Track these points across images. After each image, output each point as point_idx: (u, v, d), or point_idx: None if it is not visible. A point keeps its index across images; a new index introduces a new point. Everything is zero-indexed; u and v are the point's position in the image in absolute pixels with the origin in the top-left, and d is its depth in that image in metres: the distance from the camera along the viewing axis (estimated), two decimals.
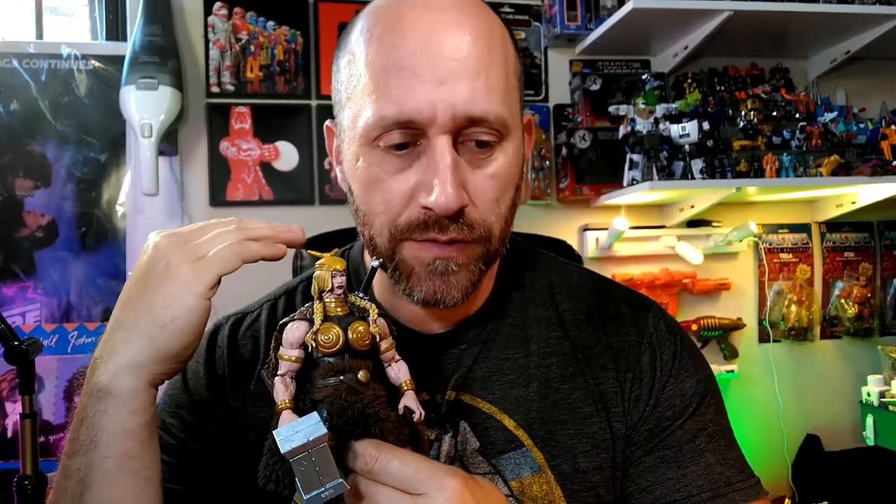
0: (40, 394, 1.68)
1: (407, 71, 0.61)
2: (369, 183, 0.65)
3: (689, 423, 0.72)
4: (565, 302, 0.77)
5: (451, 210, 0.61)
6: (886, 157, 1.85)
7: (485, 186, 0.64)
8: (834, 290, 2.10)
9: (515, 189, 0.68)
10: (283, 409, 0.51)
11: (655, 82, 1.91)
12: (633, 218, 1.94)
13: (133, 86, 1.64)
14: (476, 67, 0.61)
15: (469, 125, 0.62)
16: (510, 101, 0.65)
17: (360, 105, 0.64)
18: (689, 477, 0.70)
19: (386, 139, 0.62)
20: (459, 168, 0.62)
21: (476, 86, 0.61)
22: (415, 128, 0.61)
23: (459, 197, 0.61)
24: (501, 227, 0.67)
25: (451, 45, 0.61)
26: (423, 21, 0.62)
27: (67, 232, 1.75)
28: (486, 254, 0.66)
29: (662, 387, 0.73)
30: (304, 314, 0.54)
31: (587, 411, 0.71)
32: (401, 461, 0.51)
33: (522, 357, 0.73)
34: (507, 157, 0.65)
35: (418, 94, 0.60)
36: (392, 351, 0.56)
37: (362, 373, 0.52)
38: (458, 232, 0.63)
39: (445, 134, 0.61)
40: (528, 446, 0.69)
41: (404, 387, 0.55)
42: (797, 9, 1.81)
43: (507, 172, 0.65)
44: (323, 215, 1.86)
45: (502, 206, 0.66)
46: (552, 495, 0.68)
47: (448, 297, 0.65)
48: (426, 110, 0.60)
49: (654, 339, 0.75)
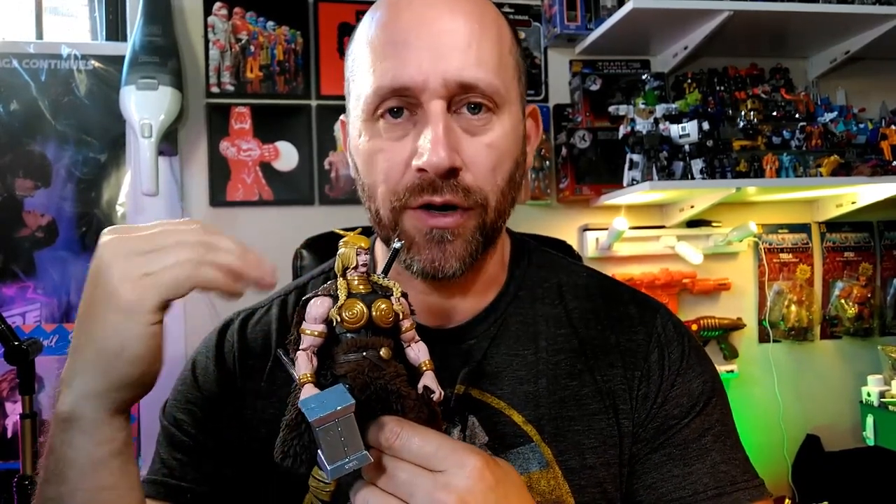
0: (40, 394, 1.68)
1: (401, 44, 0.65)
2: (370, 154, 0.68)
3: (696, 422, 0.73)
4: (574, 301, 0.78)
5: (442, 168, 0.63)
6: (886, 157, 1.85)
7: (480, 154, 0.66)
8: (834, 290, 2.10)
9: (515, 164, 0.70)
10: (306, 383, 0.51)
11: (655, 82, 1.91)
12: (633, 218, 1.94)
13: (133, 86, 1.65)
14: (467, 41, 0.65)
15: (461, 91, 0.65)
16: (503, 75, 0.68)
17: (361, 82, 0.68)
18: (694, 475, 0.70)
19: (384, 112, 0.66)
20: (452, 131, 0.65)
21: (467, 56, 0.65)
22: (409, 95, 0.65)
23: (451, 157, 0.63)
24: (498, 200, 0.68)
25: (443, 21, 0.66)
26: (417, 2, 0.67)
27: (67, 232, 1.76)
28: (482, 225, 0.68)
29: (670, 385, 0.73)
30: (327, 290, 0.53)
31: (595, 408, 0.72)
32: (422, 438, 0.51)
33: (531, 353, 0.74)
34: (503, 128, 0.68)
35: (411, 63, 0.64)
36: (412, 331, 0.55)
37: (384, 350, 0.51)
38: (452, 194, 0.65)
39: (438, 99, 0.64)
40: (537, 441, 0.70)
41: (424, 367, 0.55)
42: (797, 9, 1.81)
43: (503, 144, 0.68)
44: (323, 215, 1.86)
45: (498, 176, 0.68)
46: (559, 490, 0.69)
47: (446, 266, 0.67)
48: (419, 77, 0.64)
49: (663, 338, 0.76)
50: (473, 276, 0.75)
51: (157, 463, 0.73)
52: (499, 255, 0.78)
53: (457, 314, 0.75)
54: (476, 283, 0.76)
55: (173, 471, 0.72)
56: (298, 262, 1.20)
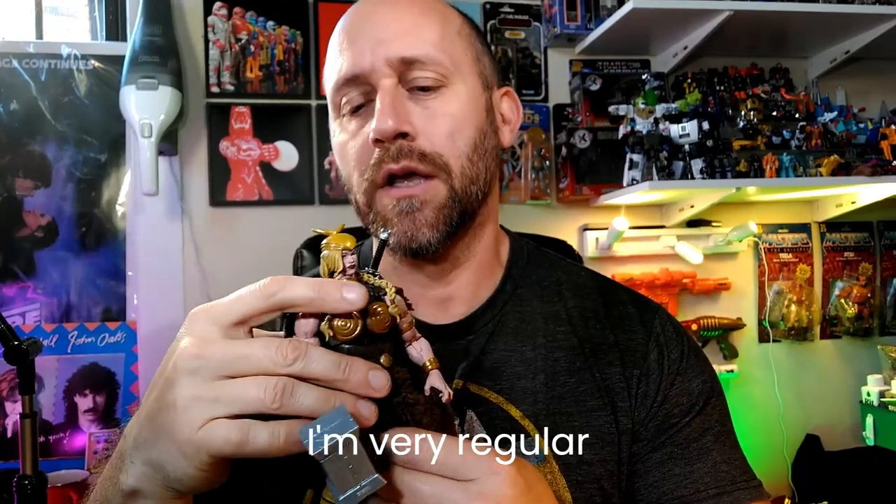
0: (40, 394, 1.68)
1: (349, 40, 0.71)
2: (342, 147, 0.73)
3: (696, 421, 0.73)
4: (573, 299, 0.79)
5: (389, 132, 0.66)
6: (886, 157, 1.85)
7: (433, 120, 0.69)
8: (834, 290, 2.10)
9: (480, 133, 0.72)
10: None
11: (655, 82, 1.91)
12: (633, 218, 1.94)
13: (133, 86, 1.64)
14: (408, 24, 0.70)
15: (405, 68, 0.69)
16: (450, 51, 0.71)
17: (327, 85, 0.74)
18: (695, 474, 0.71)
19: (346, 104, 0.71)
20: (401, 103, 0.68)
21: (407, 37, 0.69)
22: (363, 83, 0.69)
23: (397, 121, 0.66)
24: (464, 165, 0.70)
25: (384, 12, 0.71)
26: (359, 7, 0.74)
27: (67, 232, 1.76)
28: (451, 192, 0.69)
29: (670, 384, 0.74)
30: None
31: (593, 405, 0.73)
32: (445, 447, 0.48)
33: (530, 350, 0.74)
34: (458, 99, 0.71)
35: (357, 52, 0.69)
36: (412, 329, 0.52)
37: (384, 357, 0.48)
38: (409, 160, 0.68)
39: (386, 77, 0.68)
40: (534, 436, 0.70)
41: (428, 366, 0.52)
42: (797, 9, 1.81)
43: (459, 113, 0.70)
44: (323, 215, 1.86)
45: (458, 141, 0.70)
46: (556, 485, 0.69)
47: (419, 235, 0.68)
48: (365, 62, 0.69)
49: (662, 338, 0.77)
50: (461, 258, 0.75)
51: None
52: (490, 242, 0.78)
53: (455, 310, 0.76)
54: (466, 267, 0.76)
55: None
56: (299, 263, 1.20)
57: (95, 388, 1.72)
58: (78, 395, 1.71)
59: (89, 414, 1.71)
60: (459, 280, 0.76)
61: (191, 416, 0.44)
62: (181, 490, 0.48)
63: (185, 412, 0.44)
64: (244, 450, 0.44)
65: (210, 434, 0.44)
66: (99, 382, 1.72)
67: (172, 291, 1.77)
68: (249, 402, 0.43)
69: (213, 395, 0.44)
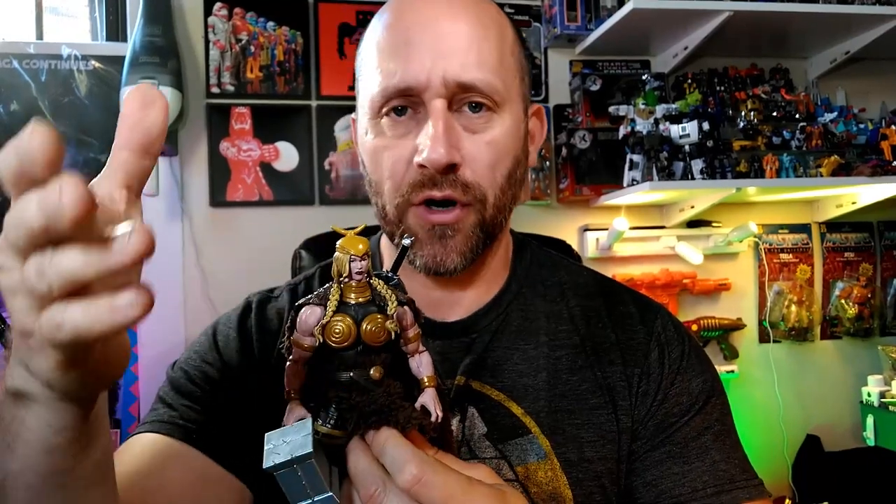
0: None
1: (403, 44, 0.68)
2: (376, 151, 0.70)
3: (696, 420, 0.73)
4: (575, 299, 0.80)
5: (441, 164, 0.65)
6: (886, 158, 1.85)
7: (479, 151, 0.68)
8: (834, 291, 2.10)
9: (515, 162, 0.72)
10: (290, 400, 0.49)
11: (655, 82, 1.91)
12: (633, 218, 1.94)
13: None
14: (468, 42, 0.68)
15: (461, 91, 0.67)
16: (504, 75, 0.70)
17: (368, 82, 0.70)
18: (694, 472, 0.71)
19: (389, 111, 0.69)
20: (452, 129, 0.67)
21: (467, 57, 0.67)
22: (413, 95, 0.67)
23: (449, 153, 0.65)
24: (497, 196, 0.70)
25: (444, 22, 0.68)
26: (421, 4, 0.70)
27: None
28: (482, 221, 0.70)
29: (670, 383, 0.74)
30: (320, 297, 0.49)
31: (595, 402, 0.73)
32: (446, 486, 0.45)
33: (532, 348, 0.75)
34: (503, 127, 0.70)
35: (414, 64, 0.67)
36: (417, 342, 0.51)
37: (375, 370, 0.47)
38: (452, 189, 0.67)
39: (439, 98, 0.67)
40: (535, 433, 0.71)
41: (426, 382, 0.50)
42: (797, 9, 1.81)
43: (503, 141, 0.70)
44: (323, 215, 1.86)
45: (497, 173, 0.70)
46: (557, 482, 0.69)
47: (447, 261, 0.69)
48: (421, 76, 0.66)
49: (663, 337, 0.77)
50: (476, 272, 0.76)
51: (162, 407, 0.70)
52: (502, 252, 0.80)
53: (459, 308, 0.76)
54: (479, 279, 0.77)
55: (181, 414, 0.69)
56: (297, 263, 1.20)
57: None
58: None
59: None
60: (464, 290, 0.77)
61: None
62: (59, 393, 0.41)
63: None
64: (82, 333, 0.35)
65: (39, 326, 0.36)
66: None
67: (172, 291, 1.77)
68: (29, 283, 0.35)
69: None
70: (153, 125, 0.39)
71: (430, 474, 0.45)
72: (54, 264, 0.34)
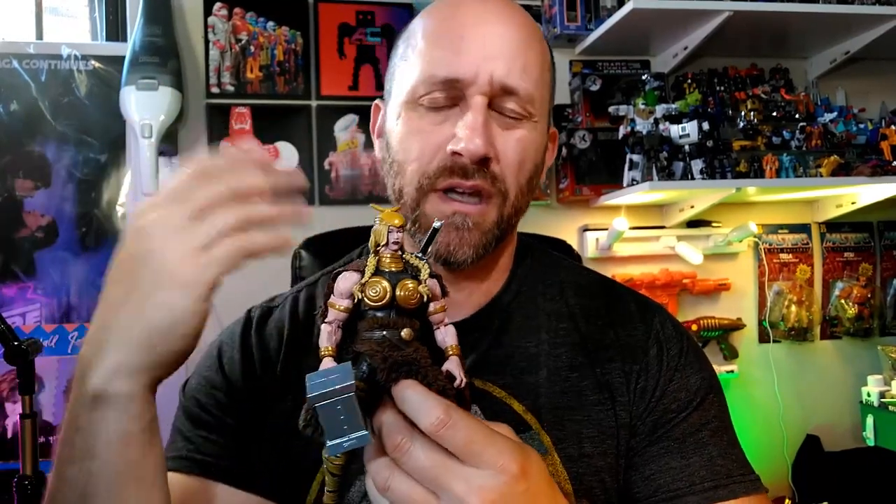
0: (40, 394, 1.68)
1: (457, 38, 0.70)
2: (408, 133, 0.72)
3: (693, 416, 0.74)
4: (575, 297, 0.81)
5: (479, 155, 0.67)
6: (886, 158, 1.85)
7: (511, 148, 0.71)
8: (834, 291, 2.10)
9: (536, 169, 0.75)
10: (325, 357, 0.51)
11: (655, 82, 1.91)
12: (633, 218, 1.94)
13: (133, 86, 1.65)
14: (516, 49, 0.70)
15: (502, 93, 0.69)
16: (541, 89, 0.73)
17: (412, 68, 0.72)
18: (691, 467, 0.72)
19: (429, 98, 0.70)
20: (489, 124, 0.69)
21: (514, 63, 0.69)
22: (457, 88, 0.69)
23: (486, 145, 0.67)
24: (517, 195, 0.72)
25: (498, 25, 0.71)
26: (477, 4, 0.73)
27: (67, 232, 1.76)
28: (500, 217, 0.71)
29: (668, 380, 0.75)
30: (358, 266, 0.53)
31: (594, 399, 0.74)
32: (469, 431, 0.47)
33: (533, 346, 0.76)
34: (533, 133, 0.72)
35: (464, 58, 0.69)
36: (442, 313, 0.54)
37: (406, 331, 0.50)
38: (481, 180, 0.69)
39: (482, 94, 0.68)
40: (536, 429, 0.71)
41: (449, 351, 0.54)
42: (797, 9, 1.81)
43: (530, 145, 0.72)
44: (323, 215, 1.85)
45: (522, 174, 0.72)
46: (558, 477, 0.70)
47: (459, 253, 0.70)
48: (470, 72, 0.68)
49: (662, 335, 0.78)
50: (486, 271, 0.77)
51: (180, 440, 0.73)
52: (507, 254, 0.81)
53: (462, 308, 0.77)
54: (483, 278, 0.78)
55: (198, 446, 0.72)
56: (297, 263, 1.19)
57: None
58: None
59: None
60: (471, 286, 0.77)
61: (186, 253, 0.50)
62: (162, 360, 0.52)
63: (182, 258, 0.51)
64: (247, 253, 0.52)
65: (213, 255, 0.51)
66: None
67: None
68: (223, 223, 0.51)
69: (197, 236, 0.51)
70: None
71: (455, 418, 0.46)
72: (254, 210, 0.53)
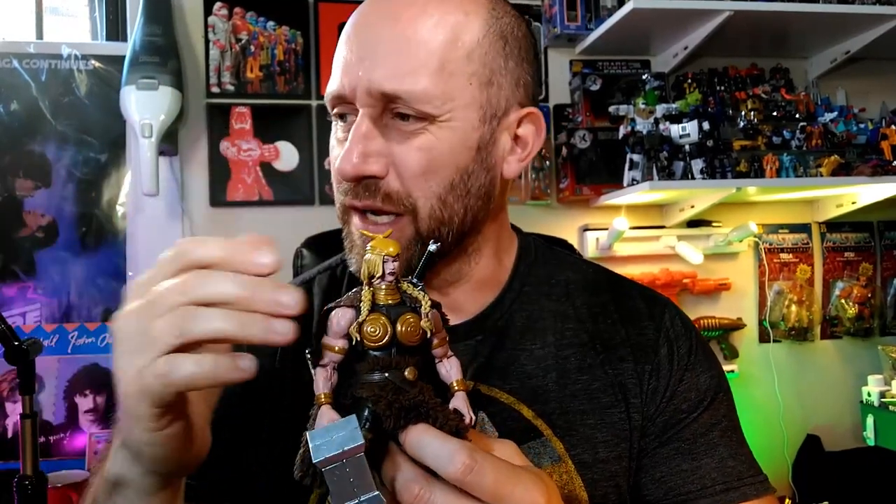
0: (40, 394, 1.68)
1: (342, 51, 0.67)
2: (331, 152, 0.71)
3: (704, 416, 0.73)
4: (581, 296, 0.79)
5: (348, 175, 0.64)
6: (886, 157, 1.85)
7: (408, 159, 0.64)
8: (834, 290, 2.10)
9: (460, 173, 0.67)
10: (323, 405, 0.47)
11: (655, 82, 1.91)
12: (633, 218, 1.94)
13: (133, 86, 1.64)
14: (398, 49, 0.63)
15: (386, 101, 0.64)
16: (444, 83, 0.64)
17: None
18: (702, 469, 0.71)
19: (334, 116, 0.70)
20: (371, 138, 0.64)
21: (397, 65, 0.63)
22: (346, 103, 0.66)
23: (360, 164, 0.63)
24: (433, 206, 0.66)
25: (379, 28, 0.65)
26: (364, 8, 0.68)
27: (67, 232, 1.75)
28: (416, 234, 0.66)
29: (679, 380, 0.74)
30: (351, 300, 0.49)
31: (607, 401, 0.72)
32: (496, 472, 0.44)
33: (539, 348, 0.74)
34: (440, 136, 0.65)
35: (345, 70, 0.66)
36: (444, 346, 0.51)
37: (409, 370, 0.47)
38: (371, 200, 0.65)
39: (365, 107, 0.64)
40: (548, 436, 0.70)
41: (455, 386, 0.50)
42: (797, 9, 1.81)
43: (438, 149, 0.65)
44: (323, 215, 1.85)
45: (432, 182, 0.65)
46: (572, 485, 0.68)
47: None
48: (348, 86, 0.65)
49: (671, 333, 0.76)
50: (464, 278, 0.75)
51: None
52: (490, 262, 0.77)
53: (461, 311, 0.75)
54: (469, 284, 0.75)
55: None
56: (299, 262, 1.20)
57: (96, 388, 1.72)
58: (78, 396, 1.71)
59: (90, 414, 1.71)
60: (457, 294, 0.75)
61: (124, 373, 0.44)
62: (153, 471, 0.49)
63: (121, 372, 0.45)
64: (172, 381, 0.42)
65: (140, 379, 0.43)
66: (99, 383, 1.72)
67: None
68: (160, 338, 0.42)
69: (135, 346, 0.44)
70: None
71: (481, 461, 0.44)
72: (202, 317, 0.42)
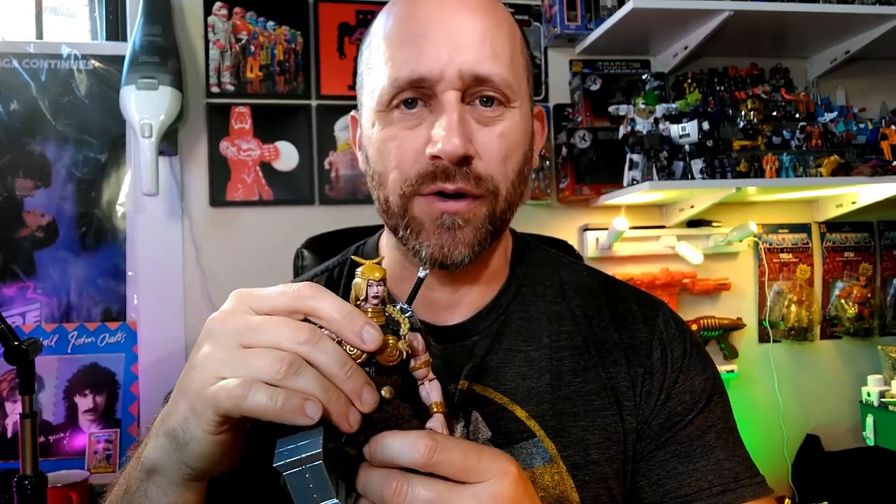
0: (40, 394, 1.68)
1: (419, 37, 0.67)
2: (383, 143, 0.69)
3: (699, 419, 0.73)
4: (576, 298, 0.79)
5: (457, 156, 0.64)
6: (886, 157, 1.85)
7: (492, 143, 0.68)
8: (834, 290, 2.10)
9: (524, 158, 0.72)
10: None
11: (655, 82, 1.91)
12: (633, 218, 1.94)
13: (133, 86, 1.64)
14: (482, 35, 0.67)
15: (475, 84, 0.66)
16: (515, 72, 0.70)
17: (377, 75, 0.69)
18: (699, 472, 0.71)
19: (398, 102, 0.68)
20: (466, 121, 0.66)
21: (482, 50, 0.67)
22: (425, 87, 0.66)
23: (464, 144, 0.65)
24: (508, 190, 0.69)
25: (460, 16, 0.68)
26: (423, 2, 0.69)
27: (67, 232, 1.75)
28: (491, 214, 0.69)
29: (673, 382, 0.74)
30: None
31: (600, 404, 0.72)
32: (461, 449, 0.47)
33: (534, 350, 0.74)
34: (514, 121, 0.69)
35: (429, 55, 0.66)
36: (426, 369, 0.52)
37: (386, 389, 0.49)
38: (465, 182, 0.66)
39: (453, 90, 0.66)
40: (540, 437, 0.70)
41: (434, 408, 0.52)
42: (797, 9, 1.81)
43: (514, 135, 0.69)
44: (323, 215, 1.86)
45: (509, 167, 0.69)
46: (563, 485, 0.69)
47: (455, 253, 0.67)
48: (435, 68, 0.65)
49: (665, 336, 0.77)
50: (478, 269, 0.76)
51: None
52: (502, 251, 0.79)
53: (460, 310, 0.76)
54: (480, 278, 0.76)
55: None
56: (300, 262, 1.20)
57: (95, 388, 1.72)
58: (78, 396, 1.71)
59: (89, 414, 1.71)
60: (467, 287, 0.76)
61: (205, 372, 0.47)
62: (190, 465, 0.49)
63: (201, 369, 0.47)
64: (242, 405, 0.44)
65: (218, 389, 0.45)
66: (99, 382, 1.72)
67: (172, 291, 1.77)
68: (257, 368, 0.45)
69: (227, 357, 0.46)
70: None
71: (443, 441, 0.46)
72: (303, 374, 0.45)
